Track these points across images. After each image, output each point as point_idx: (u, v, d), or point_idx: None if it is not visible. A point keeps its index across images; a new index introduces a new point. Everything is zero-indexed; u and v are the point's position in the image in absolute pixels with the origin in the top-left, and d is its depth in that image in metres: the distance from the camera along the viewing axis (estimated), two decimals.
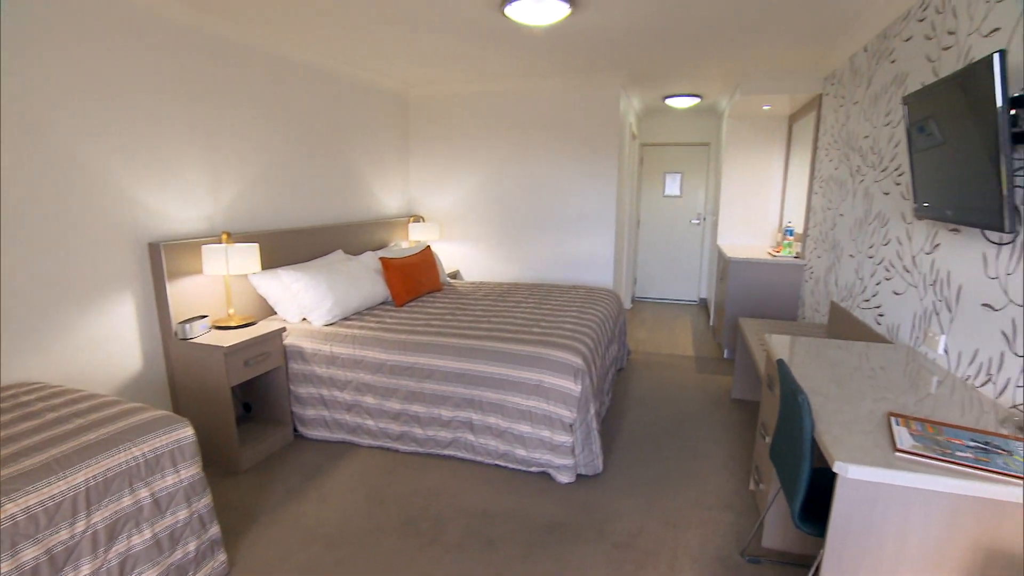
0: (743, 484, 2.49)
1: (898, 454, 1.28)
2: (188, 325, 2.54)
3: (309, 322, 3.00)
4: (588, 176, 4.50)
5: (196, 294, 2.72)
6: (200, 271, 2.72)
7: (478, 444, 2.62)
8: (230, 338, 2.56)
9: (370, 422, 2.78)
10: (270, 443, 2.77)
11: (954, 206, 1.75)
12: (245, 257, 2.67)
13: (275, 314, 3.18)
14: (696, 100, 5.12)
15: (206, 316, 2.66)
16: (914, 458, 1.27)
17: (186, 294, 2.66)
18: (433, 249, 4.76)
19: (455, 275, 4.99)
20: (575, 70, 4.01)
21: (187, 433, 1.69)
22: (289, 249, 3.35)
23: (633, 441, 2.91)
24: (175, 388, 2.64)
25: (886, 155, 2.59)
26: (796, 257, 4.07)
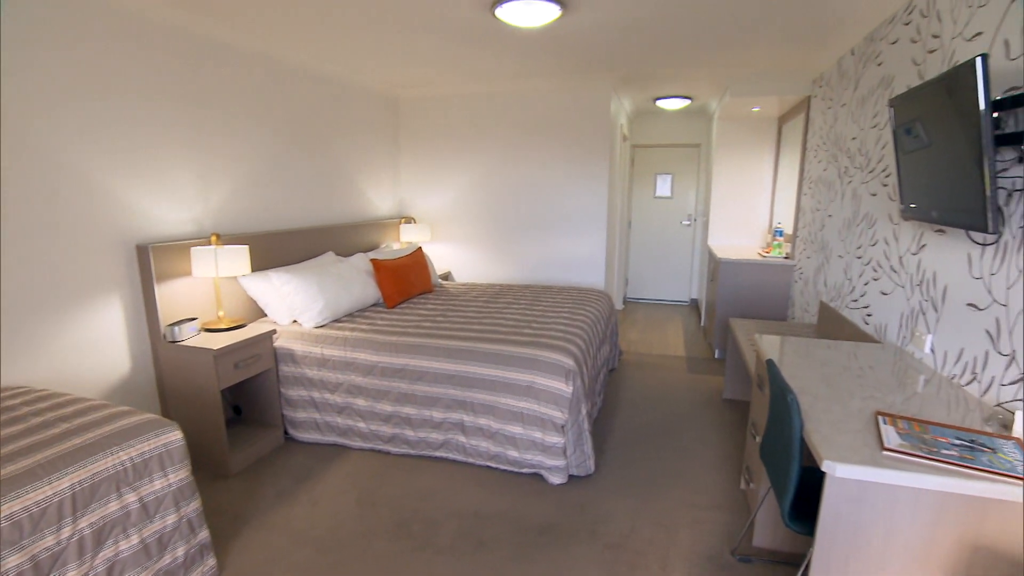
0: (734, 484, 2.50)
1: (885, 452, 1.30)
2: (177, 328, 2.52)
3: (300, 324, 2.98)
4: (579, 177, 4.51)
5: (185, 296, 2.69)
6: (189, 273, 2.69)
7: (470, 446, 2.62)
8: (220, 340, 2.54)
9: (361, 424, 2.77)
10: (260, 446, 2.75)
11: (939, 207, 1.78)
12: (235, 259, 2.65)
13: (265, 316, 3.16)
14: (686, 102, 5.15)
15: (195, 318, 2.63)
16: (901, 456, 1.28)
17: (175, 296, 2.63)
18: (424, 250, 4.75)
19: (446, 276, 4.98)
20: (566, 72, 4.02)
21: (176, 437, 1.68)
22: (279, 251, 3.33)
23: (625, 442, 2.92)
24: (164, 391, 2.61)
25: (873, 157, 2.62)
26: (786, 258, 4.10)
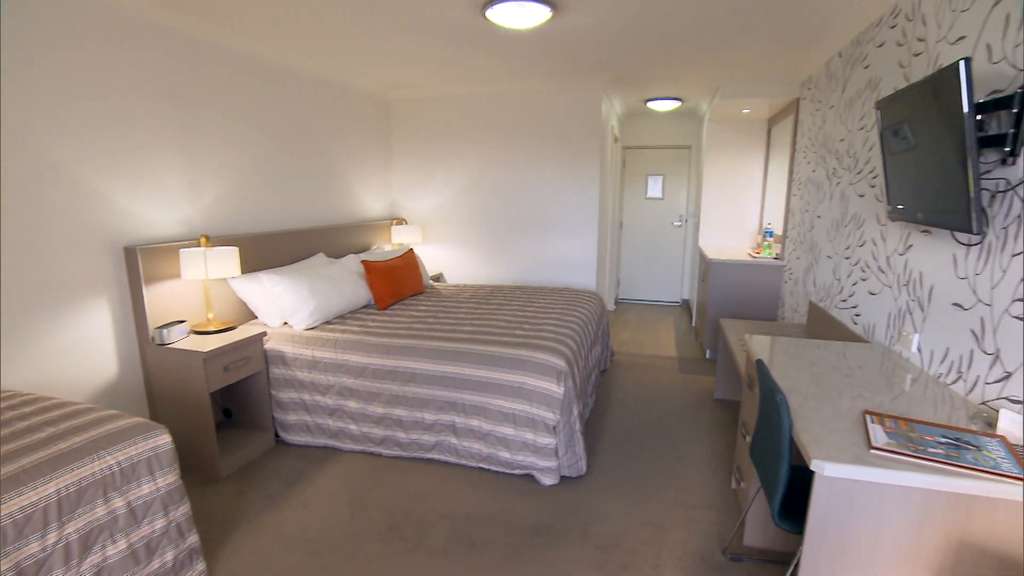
0: (725, 483, 2.51)
1: (873, 451, 1.31)
2: (166, 330, 2.50)
3: (290, 326, 2.96)
4: (571, 178, 4.52)
5: (174, 299, 2.67)
6: (178, 275, 2.67)
7: (461, 447, 2.61)
8: (209, 343, 2.51)
9: (353, 426, 2.76)
10: (251, 449, 2.73)
11: (925, 208, 1.80)
12: (224, 261, 2.63)
13: (256, 318, 3.13)
14: (677, 103, 5.18)
15: (184, 321, 2.61)
16: (888, 455, 1.29)
17: (164, 299, 2.61)
18: (416, 252, 4.74)
19: (438, 278, 4.97)
20: (557, 73, 4.03)
21: (164, 440, 1.66)
22: (270, 252, 3.30)
23: (616, 442, 2.92)
24: (152, 395, 2.58)
25: (861, 158, 2.65)
26: (776, 258, 4.13)
